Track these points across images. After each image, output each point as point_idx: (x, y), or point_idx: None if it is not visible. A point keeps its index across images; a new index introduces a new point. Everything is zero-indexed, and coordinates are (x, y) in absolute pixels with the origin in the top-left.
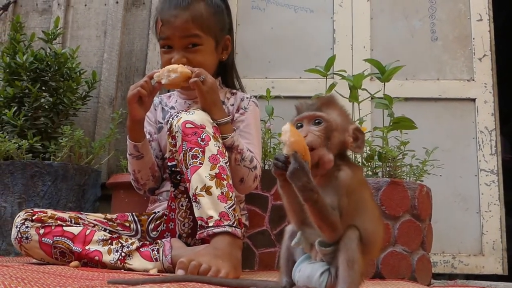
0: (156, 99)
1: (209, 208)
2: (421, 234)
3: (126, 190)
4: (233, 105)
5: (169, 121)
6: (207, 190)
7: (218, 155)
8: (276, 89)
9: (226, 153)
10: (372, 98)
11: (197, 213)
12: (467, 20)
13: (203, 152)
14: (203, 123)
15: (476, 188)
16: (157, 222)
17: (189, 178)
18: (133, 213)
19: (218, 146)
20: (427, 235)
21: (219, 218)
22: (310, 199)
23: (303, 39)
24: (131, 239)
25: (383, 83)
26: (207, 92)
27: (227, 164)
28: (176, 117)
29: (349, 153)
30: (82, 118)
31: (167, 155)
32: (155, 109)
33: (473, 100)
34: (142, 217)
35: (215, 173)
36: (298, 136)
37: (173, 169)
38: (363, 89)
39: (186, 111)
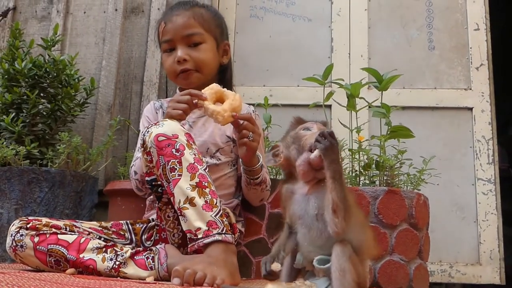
0: (157, 103)
1: (195, 219)
2: (418, 243)
3: (123, 197)
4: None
5: (142, 138)
6: (191, 201)
7: (196, 163)
8: (274, 97)
9: (204, 159)
10: (369, 107)
11: (184, 227)
12: (464, 29)
13: (180, 163)
14: (175, 133)
15: (473, 197)
16: (151, 231)
17: (172, 192)
18: (127, 222)
19: (194, 154)
20: (424, 244)
21: (207, 228)
22: (338, 171)
23: (301, 47)
24: (126, 247)
25: (380, 92)
26: (255, 148)
27: (206, 170)
28: (147, 132)
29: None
30: (80, 124)
31: (144, 170)
32: (157, 112)
33: (470, 109)
34: (136, 225)
35: (196, 182)
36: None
37: (153, 183)
38: (361, 98)
39: (155, 124)
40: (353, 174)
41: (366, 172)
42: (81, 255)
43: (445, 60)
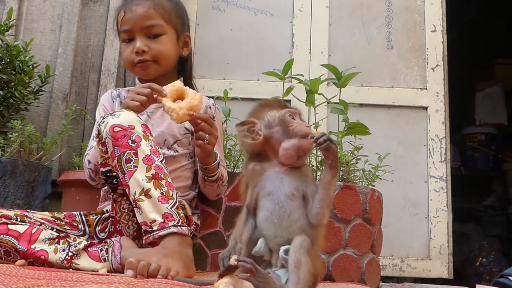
0: (114, 92)
1: (151, 211)
2: (371, 238)
3: (77, 188)
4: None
5: (97, 127)
6: (146, 193)
7: (152, 155)
8: (233, 90)
9: (161, 151)
10: (328, 103)
11: (139, 219)
12: (421, 30)
13: (136, 154)
14: (131, 124)
15: (425, 194)
16: (105, 223)
17: (127, 184)
18: (81, 213)
19: (151, 145)
20: (377, 239)
21: (162, 220)
22: (338, 173)
23: (262, 42)
24: (79, 238)
25: (339, 89)
26: (210, 150)
27: (163, 162)
28: (103, 122)
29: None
30: (34, 113)
31: (99, 160)
32: (113, 101)
33: (425, 108)
34: (90, 216)
35: (152, 174)
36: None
37: (108, 174)
38: (320, 94)
39: (111, 114)
40: (311, 168)
41: (323, 167)
42: (32, 246)
43: (402, 60)
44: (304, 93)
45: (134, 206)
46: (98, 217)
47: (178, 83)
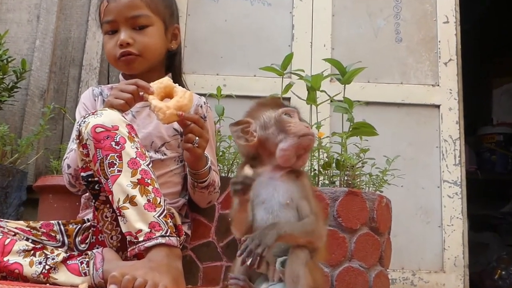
0: (96, 89)
1: (136, 220)
2: (379, 249)
3: (55, 194)
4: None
5: (77, 128)
6: (131, 200)
7: (138, 158)
8: (228, 87)
9: (147, 154)
10: (331, 101)
11: (124, 228)
12: (433, 21)
13: (120, 157)
14: (115, 124)
15: (438, 200)
16: (86, 233)
17: (110, 190)
18: (59, 222)
19: (136, 147)
20: (385, 250)
21: (149, 230)
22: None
23: (259, 34)
24: (57, 250)
25: (343, 85)
26: (201, 154)
27: (150, 166)
28: (84, 122)
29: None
30: (8, 111)
31: (79, 164)
32: (95, 100)
33: (438, 106)
34: (70, 226)
35: (137, 179)
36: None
37: (89, 179)
38: (322, 91)
39: (93, 113)
40: (312, 174)
41: (326, 171)
42: (5, 258)
43: (412, 54)
44: (305, 90)
45: (118, 214)
46: (78, 227)
47: (166, 80)
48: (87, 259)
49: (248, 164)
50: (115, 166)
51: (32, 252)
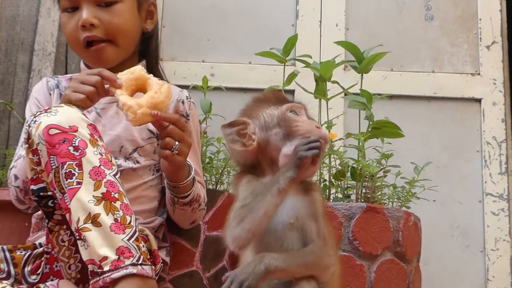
0: (52, 81)
1: (100, 245)
2: (406, 280)
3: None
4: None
5: (26, 129)
6: (94, 220)
7: (102, 167)
8: (216, 77)
9: (115, 161)
10: (345, 94)
11: (84, 255)
12: None
13: (80, 166)
14: (74, 124)
15: (480, 219)
16: (38, 262)
17: (68, 207)
18: (4, 247)
19: (100, 153)
20: (414, 281)
21: (116, 257)
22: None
23: (255, 11)
24: (1, 282)
25: (360, 75)
26: (182, 163)
27: (117, 176)
28: (34, 122)
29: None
30: None
31: (28, 175)
32: (50, 94)
33: (478, 100)
34: (17, 252)
35: (102, 193)
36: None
37: (41, 193)
38: (334, 82)
39: (46, 111)
40: (322, 185)
41: (339, 182)
42: None
43: (446, 35)
44: (313, 81)
45: (77, 237)
46: (28, 253)
47: (138, 69)
48: None
49: (244, 175)
50: (74, 177)
51: None
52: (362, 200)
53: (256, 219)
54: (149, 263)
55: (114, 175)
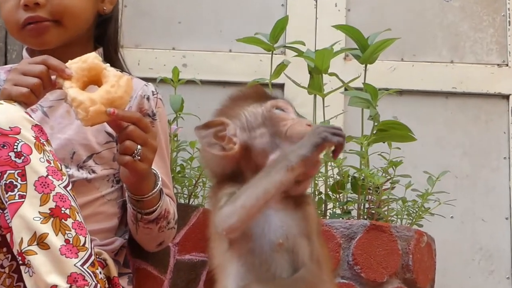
0: None
1: (48, 271)
2: None
3: None
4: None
5: None
6: (41, 241)
7: (50, 177)
8: (189, 68)
9: (65, 170)
10: (345, 89)
11: (29, 284)
12: None
13: (23, 175)
14: (15, 125)
15: (507, 239)
16: None
17: (8, 225)
18: None
19: (48, 160)
20: None
21: (68, 286)
22: None
23: None
24: None
25: (364, 66)
26: (145, 171)
27: (69, 188)
28: None
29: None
30: None
31: None
32: None
33: (506, 97)
34: None
35: (50, 208)
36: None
37: None
38: (332, 74)
39: None
40: (317, 199)
41: (337, 195)
42: None
43: (468, 18)
44: (306, 73)
45: (21, 262)
46: None
47: (92, 57)
48: None
49: (224, 186)
50: (16, 189)
51: None
52: (365, 217)
53: (254, 195)
54: None
55: (65, 187)
